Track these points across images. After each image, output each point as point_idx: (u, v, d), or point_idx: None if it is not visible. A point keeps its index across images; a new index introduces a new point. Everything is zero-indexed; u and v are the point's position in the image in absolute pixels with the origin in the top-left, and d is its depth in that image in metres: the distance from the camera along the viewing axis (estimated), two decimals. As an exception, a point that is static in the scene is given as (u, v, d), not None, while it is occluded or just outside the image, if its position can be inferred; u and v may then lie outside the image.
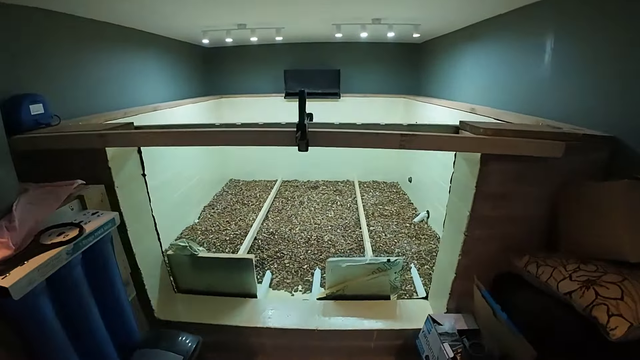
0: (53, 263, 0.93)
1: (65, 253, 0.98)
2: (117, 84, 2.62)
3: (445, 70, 3.46)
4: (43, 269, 0.89)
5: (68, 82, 2.14)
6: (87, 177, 1.33)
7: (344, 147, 1.24)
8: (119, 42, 2.63)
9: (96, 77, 2.39)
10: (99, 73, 2.42)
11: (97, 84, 2.39)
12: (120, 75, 2.66)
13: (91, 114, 2.27)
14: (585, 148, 1.33)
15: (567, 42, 1.75)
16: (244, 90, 4.68)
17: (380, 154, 4.53)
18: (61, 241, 0.99)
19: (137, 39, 2.87)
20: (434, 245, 3.02)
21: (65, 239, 1.00)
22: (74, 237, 1.01)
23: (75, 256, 1.02)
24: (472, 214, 1.42)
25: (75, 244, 1.01)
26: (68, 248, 0.98)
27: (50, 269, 0.92)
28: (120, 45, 2.66)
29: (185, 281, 2.00)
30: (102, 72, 2.45)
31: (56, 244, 0.97)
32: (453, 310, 1.66)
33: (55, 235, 1.03)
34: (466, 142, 1.26)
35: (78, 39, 2.22)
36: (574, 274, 1.17)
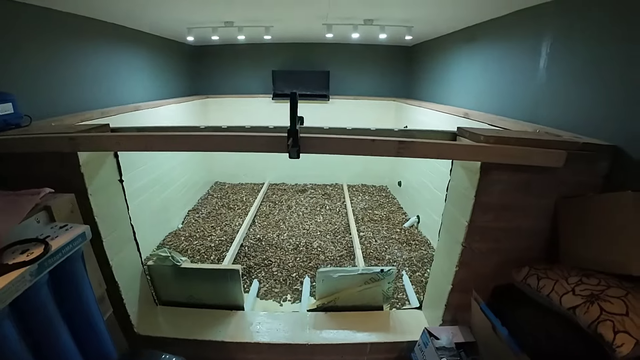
0: (15, 287, 0.81)
1: (29, 274, 0.86)
2: (94, 82, 2.47)
3: (438, 74, 3.44)
4: (4, 294, 0.78)
5: (41, 80, 2.00)
6: (58, 184, 1.21)
7: (338, 154, 1.16)
8: (97, 38, 2.49)
9: (72, 75, 2.25)
10: (75, 70, 2.27)
11: (73, 81, 2.25)
12: (99, 73, 2.52)
13: (66, 114, 2.12)
14: (585, 157, 1.29)
15: (565, 47, 1.72)
16: (231, 91, 4.55)
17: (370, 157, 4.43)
18: (24, 261, 0.87)
19: (117, 35, 2.72)
20: (425, 251, 2.98)
21: (29, 257, 0.88)
22: (39, 256, 0.89)
23: (41, 277, 0.90)
24: (470, 225, 1.37)
25: (40, 263, 0.89)
26: (32, 268, 0.86)
27: (12, 294, 0.81)
28: (99, 41, 2.51)
29: (167, 293, 1.88)
30: (78, 70, 2.30)
31: (19, 264, 0.85)
32: (449, 322, 1.61)
33: (19, 252, 0.91)
34: (466, 150, 1.21)
35: (53, 33, 2.08)
36: (577, 288, 1.14)
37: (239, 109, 4.52)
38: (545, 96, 1.84)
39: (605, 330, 0.97)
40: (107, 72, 2.61)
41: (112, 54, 2.67)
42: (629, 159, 1.27)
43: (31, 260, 0.88)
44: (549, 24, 1.83)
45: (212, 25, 2.90)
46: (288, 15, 2.63)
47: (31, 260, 0.87)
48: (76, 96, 2.28)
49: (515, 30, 2.14)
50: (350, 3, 2.21)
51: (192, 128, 1.62)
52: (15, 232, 0.96)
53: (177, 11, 2.43)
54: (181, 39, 3.70)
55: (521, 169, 1.24)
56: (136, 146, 1.28)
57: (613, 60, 1.42)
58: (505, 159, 1.20)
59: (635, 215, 1.13)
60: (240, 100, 4.52)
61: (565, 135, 1.49)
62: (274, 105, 4.48)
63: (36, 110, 1.73)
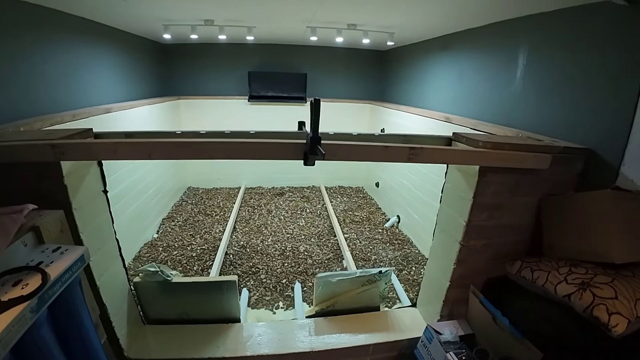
0: (16, 328, 0.69)
1: (29, 311, 0.74)
2: (63, 81, 2.25)
3: (415, 78, 3.55)
4: (4, 337, 0.66)
5: (4, 79, 1.79)
6: (38, 198, 1.06)
7: (353, 160, 1.17)
8: (67, 34, 2.28)
9: (38, 73, 2.03)
10: (41, 68, 2.05)
11: (38, 80, 2.03)
12: (68, 71, 2.30)
13: (33, 117, 1.91)
14: (564, 159, 1.42)
15: (539, 59, 1.88)
16: (204, 92, 4.37)
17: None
18: (22, 295, 0.74)
19: (88, 31, 2.51)
20: (408, 250, 3.08)
21: (26, 290, 0.76)
22: (38, 288, 0.77)
23: (41, 312, 0.78)
24: (468, 224, 1.44)
25: (40, 296, 0.76)
26: (32, 304, 0.74)
27: (13, 337, 0.68)
28: (68, 37, 2.30)
29: (155, 311, 1.76)
30: (45, 67, 2.09)
31: (15, 300, 0.72)
32: (446, 317, 1.68)
33: (10, 285, 0.78)
34: (469, 156, 1.27)
35: (16, 26, 1.87)
36: (569, 277, 1.24)
37: (213, 111, 4.36)
38: (521, 103, 1.99)
39: (600, 313, 1.08)
40: (78, 71, 2.40)
41: (82, 52, 2.46)
42: (600, 159, 1.44)
43: (30, 294, 0.75)
44: (524, 37, 1.98)
45: (191, 23, 2.76)
46: (274, 16, 2.59)
47: (29, 295, 0.75)
48: (42, 97, 2.06)
49: (492, 41, 2.28)
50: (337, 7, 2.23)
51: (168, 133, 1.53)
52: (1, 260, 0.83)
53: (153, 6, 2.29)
54: (156, 36, 3.49)
55: (511, 171, 1.34)
56: (134, 154, 1.18)
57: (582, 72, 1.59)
58: (503, 162, 1.29)
59: (614, 210, 1.26)
60: (213, 102, 4.36)
61: (545, 139, 1.62)
62: (250, 107, 4.38)
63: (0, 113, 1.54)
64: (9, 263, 0.85)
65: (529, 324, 1.30)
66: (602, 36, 1.50)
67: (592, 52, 1.54)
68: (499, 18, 2.13)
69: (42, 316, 0.81)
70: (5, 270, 0.82)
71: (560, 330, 1.24)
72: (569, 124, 1.65)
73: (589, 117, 1.54)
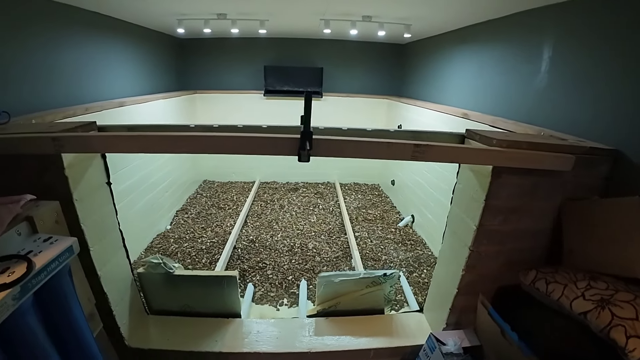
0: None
1: (11, 298, 0.75)
2: (78, 75, 2.31)
3: (433, 73, 3.41)
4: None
5: (19, 73, 1.84)
6: (39, 189, 1.09)
7: (353, 157, 1.10)
8: (82, 29, 2.32)
9: (53, 68, 2.09)
10: (57, 63, 2.11)
11: (54, 75, 2.09)
12: (83, 67, 2.35)
13: (47, 110, 1.96)
14: (589, 160, 1.29)
15: (567, 51, 1.73)
16: (220, 86, 4.39)
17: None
18: (5, 283, 0.76)
19: (103, 26, 2.56)
20: (420, 251, 2.97)
21: (10, 278, 0.77)
22: (21, 277, 0.78)
23: (25, 300, 0.80)
24: (479, 229, 1.34)
25: (22, 285, 0.78)
26: (14, 292, 0.76)
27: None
28: (83, 32, 2.35)
29: (158, 302, 1.78)
30: (60, 62, 2.14)
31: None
32: (452, 325, 1.60)
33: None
34: (481, 155, 1.17)
35: (32, 22, 1.92)
36: (587, 292, 1.13)
37: (229, 106, 4.38)
38: (545, 99, 1.84)
39: (617, 336, 0.97)
40: (92, 65, 2.45)
41: (96, 46, 2.51)
42: (629, 162, 1.29)
43: (12, 282, 0.76)
44: (551, 27, 1.82)
45: (204, 17, 2.76)
46: (286, 9, 2.54)
47: (12, 282, 0.76)
48: (58, 91, 2.12)
49: (515, 32, 2.13)
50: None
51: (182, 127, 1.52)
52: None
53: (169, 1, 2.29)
54: (171, 31, 3.53)
55: (529, 172, 1.23)
56: (131, 148, 1.18)
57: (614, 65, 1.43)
58: (519, 163, 1.18)
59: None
60: (229, 96, 4.38)
61: (569, 138, 1.48)
62: (266, 102, 4.37)
63: (14, 106, 1.57)
64: (2, 251, 0.87)
65: (540, 340, 1.19)
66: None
67: (631, 41, 1.37)
68: (523, 7, 1.97)
69: (27, 303, 0.82)
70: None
71: (574, 350, 1.13)
72: (599, 123, 1.49)
73: (622, 115, 1.38)
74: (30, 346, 0.84)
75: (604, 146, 1.34)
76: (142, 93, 3.20)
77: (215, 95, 4.40)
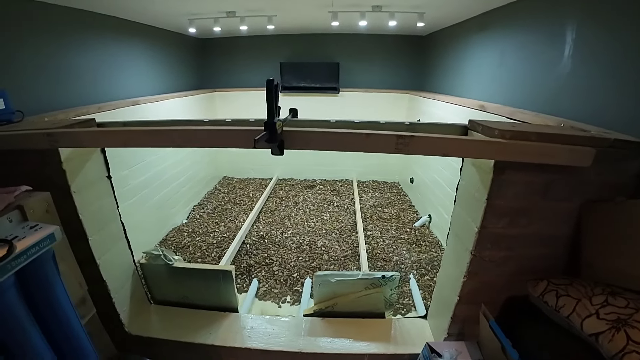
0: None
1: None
2: (94, 76, 2.42)
3: (453, 64, 3.23)
4: None
5: (34, 74, 1.95)
6: (39, 182, 1.16)
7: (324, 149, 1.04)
8: (95, 31, 2.43)
9: (70, 69, 2.19)
10: (73, 64, 2.22)
11: (70, 76, 2.20)
12: (97, 67, 2.46)
13: (60, 109, 2.07)
14: (615, 155, 1.11)
15: (592, 34, 1.54)
16: (238, 84, 4.46)
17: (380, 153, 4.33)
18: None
19: (116, 28, 2.66)
20: (435, 253, 2.82)
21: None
22: (2, 258, 0.84)
23: (5, 279, 0.86)
24: (481, 231, 1.22)
25: (1, 266, 0.84)
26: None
27: None
28: (97, 34, 2.45)
29: (160, 292, 1.83)
30: (76, 63, 2.25)
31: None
32: (455, 335, 1.48)
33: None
34: (478, 147, 1.05)
35: (47, 25, 2.02)
36: (602, 310, 0.98)
37: (247, 103, 4.43)
38: (569, 87, 1.66)
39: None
40: (106, 66, 2.56)
41: (110, 48, 2.61)
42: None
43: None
44: (573, 8, 1.63)
45: (213, 16, 2.79)
46: (292, 3, 2.50)
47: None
48: (73, 91, 2.23)
49: (535, 15, 1.94)
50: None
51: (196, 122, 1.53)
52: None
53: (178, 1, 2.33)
54: (183, 31, 3.62)
55: (540, 168, 1.08)
56: (116, 142, 1.20)
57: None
58: (524, 156, 1.03)
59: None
60: (247, 93, 4.42)
61: (593, 130, 1.30)
62: (283, 98, 4.34)
63: (30, 106, 1.68)
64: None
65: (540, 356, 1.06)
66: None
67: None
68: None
69: (7, 283, 0.88)
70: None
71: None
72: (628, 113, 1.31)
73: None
74: (10, 324, 0.91)
75: (632, 138, 1.14)
76: (159, 92, 3.30)
77: (234, 93, 4.46)
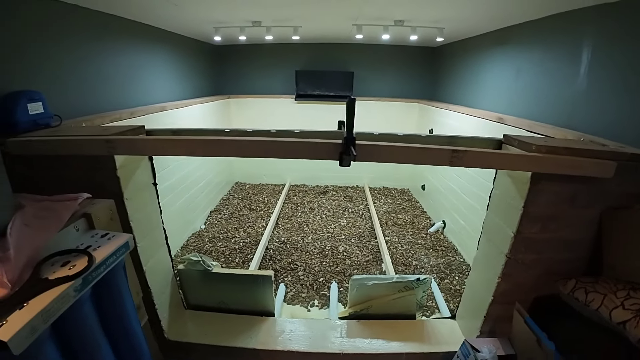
0: (59, 304, 0.76)
1: (73, 290, 0.80)
2: (123, 81, 2.48)
3: (466, 76, 3.33)
4: (46, 313, 0.72)
5: (70, 79, 1.99)
6: (91, 188, 1.17)
7: (391, 162, 1.12)
8: (124, 37, 2.49)
9: (101, 74, 2.25)
10: (103, 69, 2.27)
11: (101, 81, 2.25)
12: (126, 72, 2.52)
13: (95, 113, 2.12)
14: (633, 168, 1.22)
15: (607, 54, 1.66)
16: (252, 91, 4.54)
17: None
18: (67, 275, 0.80)
19: (143, 34, 2.74)
20: (452, 258, 2.90)
21: (72, 271, 0.83)
22: (83, 269, 0.83)
23: (85, 292, 0.85)
24: (517, 236, 1.31)
25: (84, 277, 0.83)
26: (76, 283, 0.80)
27: (55, 312, 0.75)
28: (126, 40, 2.52)
29: (196, 297, 1.88)
30: (107, 68, 2.30)
31: (61, 279, 0.79)
32: (486, 333, 1.56)
33: (59, 265, 0.85)
34: (520, 160, 1.15)
35: (81, 31, 2.07)
36: (626, 302, 1.10)
37: (262, 110, 4.51)
38: (584, 103, 1.78)
39: (654, 346, 0.94)
40: (134, 71, 2.63)
41: (138, 53, 2.68)
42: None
43: (75, 274, 0.81)
44: (590, 29, 1.75)
45: (239, 25, 2.88)
46: (319, 15, 2.58)
47: (75, 275, 0.81)
48: (103, 95, 2.28)
49: (553, 34, 2.05)
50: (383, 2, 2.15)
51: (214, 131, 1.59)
52: (53, 243, 0.91)
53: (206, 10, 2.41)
54: (207, 38, 3.69)
55: (568, 179, 1.19)
56: (178, 151, 1.25)
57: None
58: (557, 168, 1.14)
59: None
60: (262, 100, 4.51)
61: (610, 144, 1.41)
62: (297, 106, 4.45)
63: (64, 110, 1.68)
64: (61, 244, 0.93)
65: (577, 350, 1.16)
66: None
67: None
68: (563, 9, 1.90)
69: (85, 295, 0.87)
70: (57, 251, 0.90)
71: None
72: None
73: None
74: (84, 337, 0.90)
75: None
76: (180, 98, 3.38)
77: (249, 100, 4.54)
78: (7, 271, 0.76)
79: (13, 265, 0.78)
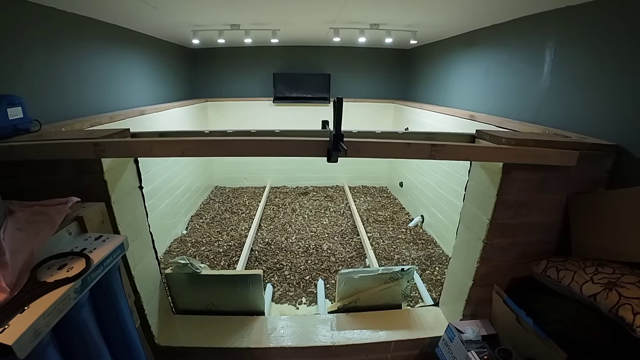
0: (60, 306, 0.76)
1: (73, 292, 0.80)
2: (100, 85, 2.42)
3: (438, 76, 3.50)
4: (49, 315, 0.72)
5: (47, 83, 1.93)
6: (79, 192, 1.17)
7: (374, 157, 1.19)
8: (101, 40, 2.43)
9: (78, 78, 2.18)
10: (81, 73, 2.21)
11: (78, 85, 2.19)
12: (105, 76, 2.47)
13: (73, 118, 2.07)
14: (593, 156, 1.36)
15: (569, 54, 1.82)
16: (230, 94, 4.52)
17: (369, 159, 4.53)
18: (67, 277, 0.81)
19: (123, 38, 2.69)
20: (432, 250, 3.03)
21: (71, 273, 0.83)
22: (82, 271, 0.84)
23: (84, 294, 0.86)
24: (492, 222, 1.42)
25: (83, 279, 0.83)
26: (76, 285, 0.81)
27: (57, 315, 0.75)
28: (105, 43, 2.46)
29: (184, 301, 1.85)
30: (84, 72, 2.24)
31: (61, 282, 0.79)
32: (468, 316, 1.66)
33: (56, 268, 0.85)
34: (492, 152, 1.26)
35: (58, 34, 2.01)
36: (595, 277, 1.21)
37: (239, 113, 4.50)
38: (549, 99, 1.93)
39: (625, 313, 1.05)
40: (112, 75, 2.57)
41: (116, 57, 2.63)
42: (630, 156, 1.37)
43: (74, 276, 0.81)
44: (552, 30, 1.91)
45: (218, 28, 2.87)
46: (298, 18, 2.64)
47: (74, 277, 0.81)
48: (82, 100, 2.22)
49: (518, 36, 2.22)
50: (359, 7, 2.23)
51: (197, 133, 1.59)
52: (48, 247, 0.91)
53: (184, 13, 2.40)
54: (185, 42, 3.66)
55: (537, 168, 1.31)
56: (170, 152, 1.25)
57: (611, 66, 1.53)
58: (527, 159, 1.26)
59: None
60: (240, 103, 4.50)
61: (572, 136, 1.56)
62: (275, 108, 4.48)
63: (44, 115, 1.64)
64: (54, 249, 0.93)
65: (553, 324, 1.27)
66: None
67: (626, 41, 1.46)
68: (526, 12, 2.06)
69: (84, 298, 0.88)
70: (51, 255, 0.90)
71: (585, 331, 1.21)
72: (600, 120, 1.58)
73: (621, 112, 1.47)
74: (84, 340, 0.90)
75: (605, 142, 1.41)
76: (159, 102, 3.32)
77: (226, 103, 4.52)
78: (4, 276, 0.75)
79: (10, 270, 0.77)
